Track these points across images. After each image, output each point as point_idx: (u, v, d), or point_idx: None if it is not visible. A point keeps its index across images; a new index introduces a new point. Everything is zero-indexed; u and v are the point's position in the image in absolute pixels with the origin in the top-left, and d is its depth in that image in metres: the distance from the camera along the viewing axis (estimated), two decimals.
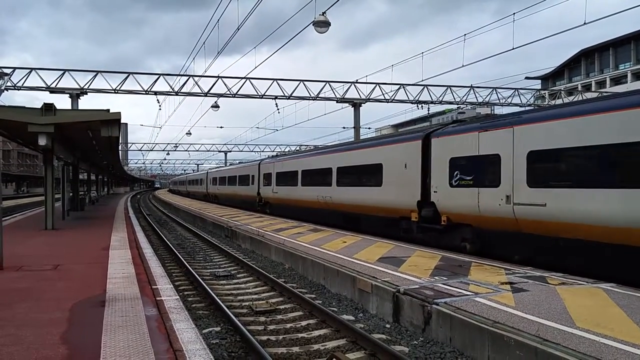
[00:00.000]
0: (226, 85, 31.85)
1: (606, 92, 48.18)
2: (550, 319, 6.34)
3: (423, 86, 34.79)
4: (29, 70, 29.03)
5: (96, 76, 30.20)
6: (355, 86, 34.22)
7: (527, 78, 64.06)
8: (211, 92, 32.03)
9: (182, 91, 31.65)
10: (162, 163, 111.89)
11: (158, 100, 33.54)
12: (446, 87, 36.01)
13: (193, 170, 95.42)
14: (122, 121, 16.43)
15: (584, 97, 41.86)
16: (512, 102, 38.12)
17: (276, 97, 32.98)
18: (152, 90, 31.15)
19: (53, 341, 5.41)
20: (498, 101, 38.13)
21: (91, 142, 20.77)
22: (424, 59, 29.11)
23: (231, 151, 79.75)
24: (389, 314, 8.39)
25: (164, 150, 76.41)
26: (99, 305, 6.99)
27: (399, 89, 34.82)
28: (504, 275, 9.23)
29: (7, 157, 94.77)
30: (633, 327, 5.97)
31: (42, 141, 14.76)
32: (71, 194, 28.72)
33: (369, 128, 57.01)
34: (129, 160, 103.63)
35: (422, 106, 36.23)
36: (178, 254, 15.68)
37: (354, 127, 35.64)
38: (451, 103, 38.11)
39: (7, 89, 28.01)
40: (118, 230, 17.96)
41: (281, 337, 7.66)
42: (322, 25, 18.79)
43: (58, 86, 29.43)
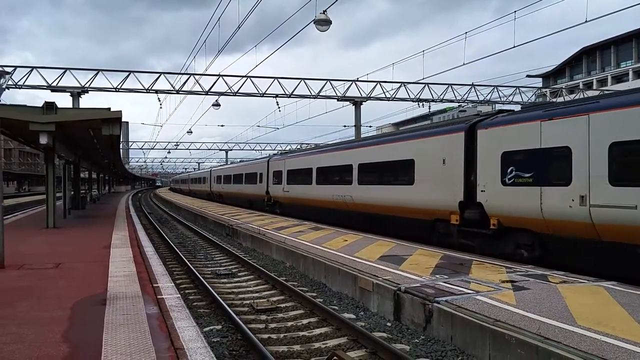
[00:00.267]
0: (227, 83, 31.83)
1: (608, 90, 48.10)
2: (552, 317, 6.34)
3: (424, 84, 34.71)
4: (30, 69, 29.02)
5: (97, 75, 30.19)
6: (356, 84, 34.18)
7: (528, 76, 64.08)
8: (212, 90, 31.99)
9: (182, 90, 31.61)
10: (163, 162, 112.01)
11: (159, 99, 33.51)
12: (447, 86, 35.95)
13: (194, 169, 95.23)
14: (123, 120, 16.46)
15: (585, 96, 41.78)
16: (513, 100, 38.05)
17: (277, 96, 32.94)
18: (153, 88, 31.12)
19: (54, 339, 5.42)
20: (499, 99, 38.08)
21: (92, 140, 20.80)
22: (424, 57, 29.07)
23: (232, 150, 79.63)
24: (390, 312, 8.39)
25: (165, 149, 76.32)
26: (100, 303, 7.00)
27: (399, 87, 34.76)
28: (505, 274, 9.23)
29: (8, 156, 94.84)
30: (634, 325, 5.97)
31: (44, 140, 14.79)
32: (72, 192, 28.75)
33: (370, 126, 57.04)
34: (130, 159, 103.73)
35: (423, 104, 36.16)
36: (179, 252, 15.69)
37: (355, 126, 35.60)
38: (452, 101, 38.06)
39: (8, 88, 28.00)
40: (119, 228, 17.97)
41: (282, 335, 7.67)
42: (323, 23, 18.76)
43: (59, 85, 29.40)
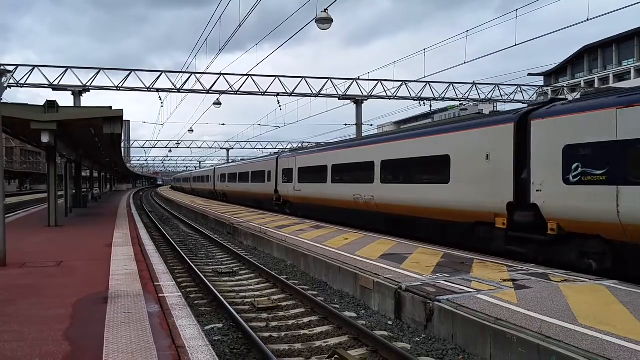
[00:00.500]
0: (228, 82, 31.86)
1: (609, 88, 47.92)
2: (553, 316, 6.33)
3: (425, 83, 34.70)
4: (32, 68, 29.05)
5: (98, 73, 30.23)
6: (358, 83, 34.16)
7: (529, 74, 64.01)
8: (213, 89, 32.03)
9: (184, 88, 31.64)
10: (165, 160, 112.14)
11: (160, 98, 33.55)
12: (448, 84, 35.92)
13: (195, 167, 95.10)
14: (125, 118, 16.48)
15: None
16: (515, 98, 38.02)
17: (278, 94, 32.95)
18: (154, 87, 31.15)
19: (56, 337, 5.43)
20: (500, 98, 38.05)
21: (94, 139, 20.82)
22: (426, 55, 29.03)
23: (233, 148, 79.72)
24: (391, 310, 8.39)
25: (166, 148, 76.39)
26: (101, 301, 7.01)
27: (401, 85, 34.74)
28: (506, 273, 9.22)
29: (10, 155, 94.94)
30: (636, 324, 5.96)
31: (45, 138, 14.82)
32: (74, 191, 28.80)
33: (371, 125, 56.93)
34: (131, 158, 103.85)
35: (424, 103, 36.14)
36: (180, 251, 15.70)
37: (356, 124, 35.60)
38: (453, 100, 38.04)
39: (10, 87, 28.03)
40: (121, 227, 17.99)
41: (283, 333, 7.67)
42: (325, 22, 18.75)
43: (60, 83, 29.44)
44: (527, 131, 11.10)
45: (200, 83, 31.71)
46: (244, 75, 31.79)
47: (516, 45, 22.80)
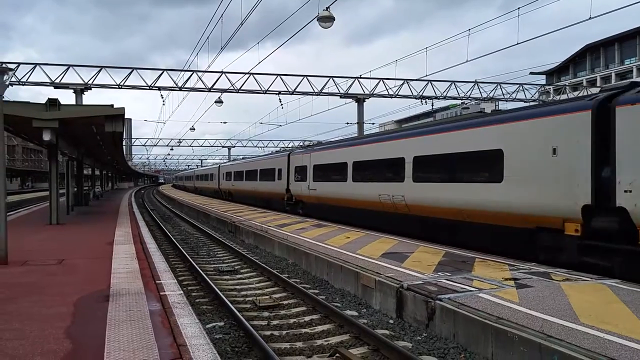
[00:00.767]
0: (230, 80, 31.86)
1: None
2: (554, 315, 6.32)
3: (427, 81, 34.68)
4: (34, 66, 29.07)
5: (100, 71, 30.24)
6: (359, 81, 34.14)
7: (531, 73, 63.94)
8: (215, 87, 32.04)
9: (185, 86, 31.65)
10: (166, 158, 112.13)
11: (162, 96, 33.55)
12: (450, 83, 35.89)
13: (197, 166, 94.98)
14: (126, 116, 16.49)
15: (589, 92, 41.66)
16: (517, 97, 37.98)
17: (280, 93, 32.94)
18: (156, 85, 31.15)
19: (57, 335, 5.43)
20: (502, 96, 38.00)
21: (95, 137, 20.85)
22: (428, 54, 28.98)
23: (234, 146, 79.76)
24: (392, 309, 8.39)
25: (167, 146, 76.46)
26: (103, 300, 7.01)
27: (402, 84, 34.71)
28: (507, 271, 9.21)
29: (11, 152, 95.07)
30: (638, 323, 5.95)
31: (47, 136, 14.84)
32: (75, 189, 28.83)
33: (373, 123, 56.84)
34: (133, 156, 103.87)
35: (425, 101, 36.12)
36: (182, 249, 15.72)
37: (358, 123, 35.58)
38: (455, 98, 38.00)
39: (11, 85, 28.04)
40: (122, 225, 18.01)
41: (284, 332, 7.67)
42: (326, 20, 18.73)
43: (62, 81, 29.47)
44: (609, 120, 9.36)
45: (202, 81, 31.76)
46: (245, 73, 31.79)
47: (518, 44, 22.78)
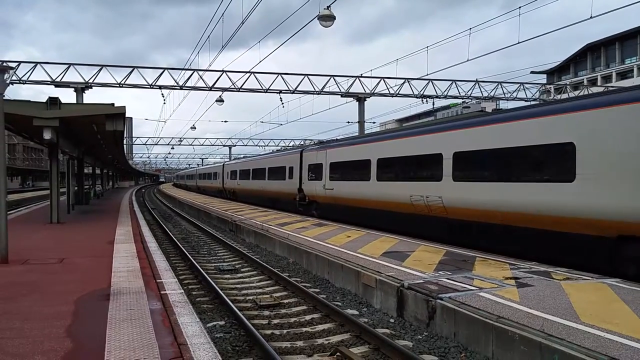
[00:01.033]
0: (230, 79, 31.84)
1: (612, 86, 47.91)
2: (555, 314, 6.31)
3: (428, 80, 34.65)
4: (34, 65, 29.08)
5: (101, 70, 30.23)
6: (360, 80, 34.14)
7: (532, 72, 63.87)
8: (215, 86, 32.01)
9: (186, 85, 31.65)
10: (167, 157, 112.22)
11: (163, 94, 33.58)
12: (451, 82, 35.85)
13: (198, 165, 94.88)
14: (127, 115, 16.49)
15: (589, 92, 41.63)
16: (518, 96, 37.94)
17: (281, 92, 32.91)
18: (157, 84, 31.15)
19: (58, 334, 5.43)
20: (503, 95, 37.97)
21: (96, 136, 20.84)
22: (429, 53, 28.95)
23: (235, 145, 79.79)
24: (393, 308, 8.39)
25: (168, 145, 76.54)
26: (103, 298, 7.01)
27: (403, 83, 34.70)
28: (508, 270, 9.21)
29: (12, 151, 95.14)
30: (638, 322, 5.94)
31: (47, 135, 14.84)
32: (76, 187, 28.84)
33: (374, 122, 56.92)
34: (133, 155, 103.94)
35: (426, 100, 36.11)
36: (182, 248, 15.72)
37: (359, 122, 35.56)
38: (456, 97, 37.98)
39: (12, 83, 28.05)
40: (123, 224, 18.01)
41: (285, 331, 7.67)
42: (327, 19, 18.71)
43: (63, 80, 29.47)
44: None
45: (203, 80, 31.74)
46: (246, 72, 31.77)
47: (519, 43, 22.75)
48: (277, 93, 33.03)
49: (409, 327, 7.71)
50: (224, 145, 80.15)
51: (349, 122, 48.69)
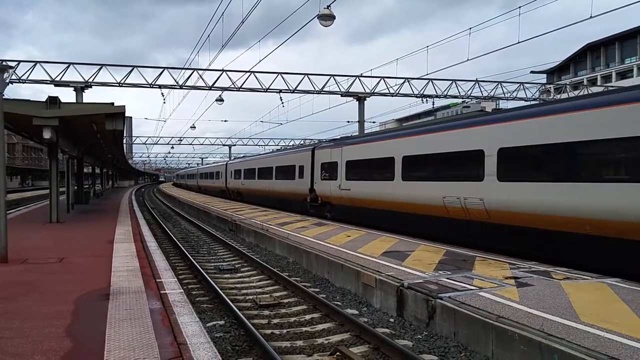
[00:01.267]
0: (230, 79, 31.84)
1: (612, 86, 47.92)
2: (555, 313, 6.31)
3: (428, 80, 34.66)
4: (34, 64, 29.06)
5: (101, 69, 30.21)
6: (360, 80, 34.15)
7: (532, 72, 63.95)
8: (215, 85, 32.01)
9: (186, 85, 31.64)
10: (167, 157, 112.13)
11: (162, 94, 33.55)
12: (451, 81, 35.86)
13: (198, 164, 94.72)
14: (127, 114, 16.47)
15: (589, 92, 41.64)
16: (517, 96, 37.94)
17: (280, 91, 32.90)
18: (157, 83, 31.14)
19: (57, 334, 5.43)
20: (503, 95, 37.98)
21: (96, 135, 20.83)
22: (429, 52, 28.96)
23: (235, 145, 79.83)
24: (392, 308, 8.38)
25: (168, 144, 76.55)
26: (103, 298, 7.01)
27: (403, 82, 34.71)
28: (508, 270, 9.20)
29: (11, 151, 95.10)
30: (638, 322, 5.94)
31: (47, 134, 14.83)
32: (76, 187, 28.83)
33: (374, 122, 56.92)
34: (133, 154, 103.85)
35: (426, 100, 36.12)
36: (182, 247, 15.71)
37: (359, 121, 35.56)
38: (456, 97, 37.98)
39: (12, 82, 28.03)
40: (122, 223, 18.00)
41: (285, 330, 7.67)
42: (327, 18, 18.69)
43: (63, 80, 29.46)
44: None
45: (203, 79, 31.72)
46: (246, 71, 31.77)
47: (519, 43, 22.73)
48: (277, 92, 33.03)
49: (409, 327, 7.71)
50: (223, 145, 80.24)
51: (349, 122, 48.70)
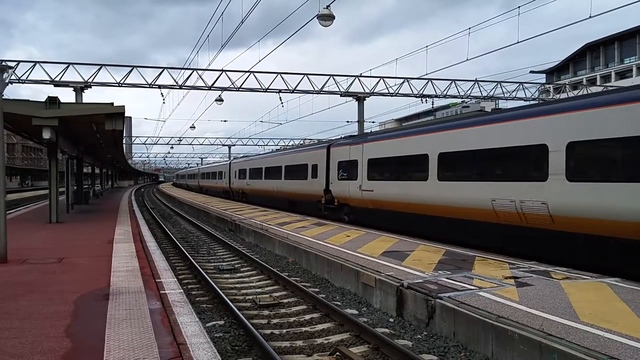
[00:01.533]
0: (230, 78, 31.80)
1: (611, 86, 47.94)
2: (555, 313, 6.32)
3: (427, 80, 34.63)
4: (33, 64, 29.03)
5: (100, 69, 30.16)
6: (360, 80, 34.12)
7: (531, 72, 64.03)
8: (215, 85, 31.97)
9: (186, 85, 31.60)
10: (166, 157, 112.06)
11: (162, 94, 33.52)
12: (450, 81, 35.84)
13: (197, 164, 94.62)
14: (126, 114, 16.46)
15: (589, 92, 41.64)
16: (517, 96, 37.94)
17: (280, 91, 32.86)
18: (156, 83, 31.08)
19: (57, 334, 5.42)
20: (502, 95, 37.98)
21: (95, 135, 20.82)
22: (428, 52, 28.93)
23: (235, 145, 79.82)
24: (392, 308, 8.38)
25: (168, 144, 76.50)
26: (103, 298, 7.01)
27: (403, 82, 34.68)
28: (508, 270, 9.21)
29: (11, 151, 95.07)
30: (638, 322, 5.94)
31: (46, 134, 14.82)
32: (75, 187, 28.82)
33: (373, 122, 56.89)
34: (133, 154, 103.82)
35: (426, 100, 36.11)
36: (182, 247, 15.70)
37: (358, 121, 35.54)
38: (455, 97, 37.96)
39: (11, 83, 27.97)
40: (122, 223, 18.00)
41: (285, 330, 7.67)
42: (326, 18, 18.68)
43: (62, 80, 29.42)
44: None
45: (202, 79, 31.69)
46: (246, 71, 31.72)
47: (518, 43, 22.73)
48: (276, 92, 32.99)
49: (409, 327, 7.71)
50: (223, 145, 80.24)
51: (348, 122, 48.71)
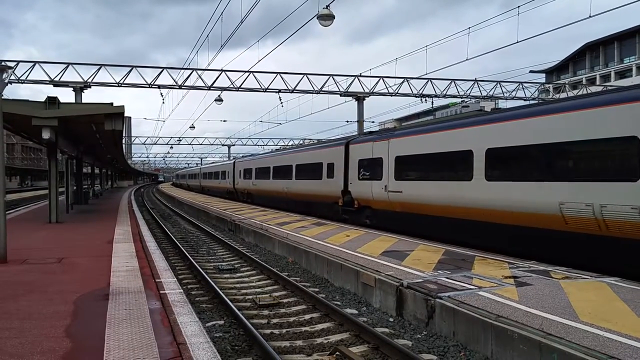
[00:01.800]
0: (230, 78, 31.79)
1: (611, 85, 47.94)
2: (554, 313, 6.32)
3: (427, 80, 34.62)
4: (33, 64, 29.01)
5: (100, 69, 30.14)
6: (359, 80, 34.11)
7: (531, 72, 64.07)
8: (215, 85, 31.96)
9: (185, 85, 31.58)
10: (166, 157, 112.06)
11: (162, 94, 33.50)
12: (450, 81, 35.83)
13: (197, 164, 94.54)
14: (126, 114, 16.46)
15: (588, 91, 41.66)
16: (516, 95, 37.94)
17: (280, 91, 32.84)
18: (156, 83, 31.07)
19: (57, 334, 5.43)
20: (502, 95, 37.98)
21: (95, 135, 20.81)
22: (428, 52, 28.93)
23: (235, 145, 79.85)
24: (392, 307, 8.39)
25: (167, 144, 76.55)
26: (102, 298, 7.01)
27: (402, 82, 34.67)
28: (507, 269, 9.21)
29: (11, 151, 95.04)
30: (638, 321, 5.94)
31: (46, 134, 14.82)
32: (75, 187, 28.82)
33: (373, 122, 56.91)
34: (132, 154, 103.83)
35: (425, 100, 36.12)
36: (182, 247, 15.70)
37: (358, 121, 35.52)
38: (455, 97, 37.97)
39: (10, 83, 27.96)
40: (122, 223, 18.00)
41: (285, 330, 7.67)
42: (326, 18, 18.68)
43: (62, 80, 29.40)
44: None
45: (202, 79, 31.68)
46: (245, 71, 31.71)
47: (518, 43, 22.73)
48: (276, 92, 32.97)
49: (408, 326, 7.71)
50: (222, 145, 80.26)
51: (348, 122, 48.72)
